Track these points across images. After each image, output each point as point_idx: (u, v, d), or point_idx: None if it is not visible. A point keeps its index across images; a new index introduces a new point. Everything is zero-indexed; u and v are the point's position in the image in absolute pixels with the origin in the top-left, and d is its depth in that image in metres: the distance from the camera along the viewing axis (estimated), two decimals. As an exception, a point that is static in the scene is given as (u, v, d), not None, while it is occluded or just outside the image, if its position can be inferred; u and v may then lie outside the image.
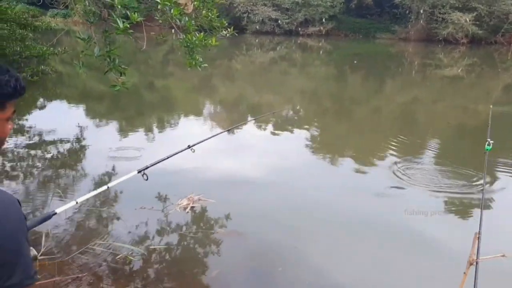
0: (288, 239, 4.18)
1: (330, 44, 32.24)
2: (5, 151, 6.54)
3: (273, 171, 6.10)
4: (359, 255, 3.97)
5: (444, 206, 5.03)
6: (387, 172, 6.01)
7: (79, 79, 13.49)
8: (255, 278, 3.60)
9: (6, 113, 1.19)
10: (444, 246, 4.02)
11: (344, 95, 14.08)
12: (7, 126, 1.21)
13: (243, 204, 4.89)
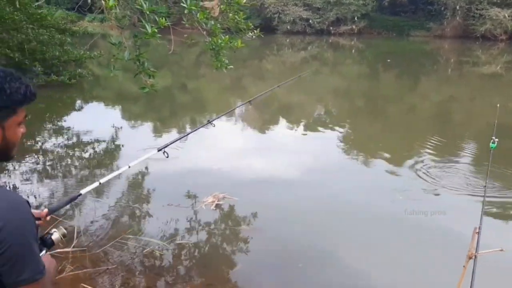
0: (310, 237, 4.24)
1: (363, 43, 31.87)
2: (46, 151, 6.90)
3: (302, 171, 6.09)
4: (384, 256, 3.96)
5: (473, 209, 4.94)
6: (420, 174, 5.86)
7: (116, 81, 13.92)
8: (276, 273, 3.69)
9: (17, 118, 1.26)
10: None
11: (377, 94, 13.90)
12: (18, 130, 1.29)
13: (268, 203, 4.96)
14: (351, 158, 6.99)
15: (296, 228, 4.43)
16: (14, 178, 5.64)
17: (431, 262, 3.76)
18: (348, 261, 3.88)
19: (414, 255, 3.93)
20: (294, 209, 4.83)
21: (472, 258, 1.86)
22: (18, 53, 10.35)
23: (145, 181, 5.51)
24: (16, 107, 1.24)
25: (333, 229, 4.40)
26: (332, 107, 11.82)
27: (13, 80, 1.21)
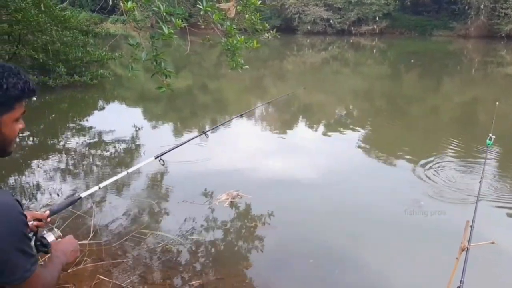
0: (323, 236, 4.27)
1: (384, 43, 31.57)
2: (68, 150, 7.09)
3: (319, 171, 6.07)
4: (398, 257, 3.97)
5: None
6: (440, 177, 5.74)
7: (137, 81, 14.15)
8: (287, 268, 3.75)
9: (14, 113, 1.25)
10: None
11: (399, 94, 13.74)
12: (16, 126, 1.28)
13: (282, 202, 5.01)
14: (370, 159, 6.89)
15: (309, 227, 4.46)
16: (38, 175, 5.82)
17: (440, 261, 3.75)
18: (360, 259, 3.90)
19: (428, 257, 3.92)
20: (308, 208, 4.85)
21: (464, 250, 1.89)
22: (43, 54, 10.64)
23: (163, 179, 5.61)
24: (13, 103, 1.24)
25: (347, 230, 4.40)
26: (353, 108, 11.75)
27: (10, 76, 1.21)
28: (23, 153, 6.89)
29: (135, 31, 4.50)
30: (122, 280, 3.41)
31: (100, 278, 3.38)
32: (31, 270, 1.22)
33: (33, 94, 1.29)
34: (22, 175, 5.86)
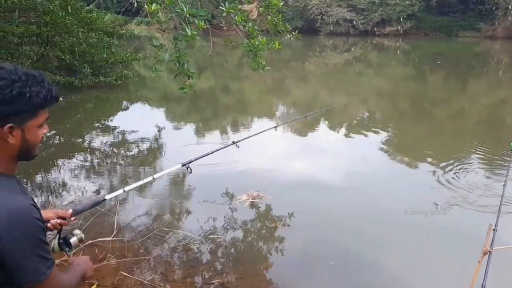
0: (343, 238, 4.27)
1: (408, 44, 31.14)
2: (93, 149, 7.24)
3: (341, 174, 6.02)
4: (416, 261, 3.93)
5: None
6: (466, 181, 5.63)
7: (161, 82, 14.33)
8: (307, 269, 3.75)
9: (38, 120, 1.30)
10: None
11: (423, 96, 13.51)
12: (39, 131, 1.33)
13: (303, 203, 5.01)
14: (392, 162, 6.79)
15: (330, 229, 4.44)
16: (64, 173, 5.96)
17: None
18: (381, 262, 3.87)
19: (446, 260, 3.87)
20: (329, 210, 4.83)
21: (486, 253, 1.87)
22: (69, 55, 10.89)
23: (184, 179, 5.67)
24: (37, 110, 1.29)
25: (368, 233, 4.33)
26: (376, 110, 11.61)
27: (34, 84, 1.26)
28: (50, 151, 7.07)
29: (159, 33, 4.57)
30: (144, 277, 3.47)
31: (123, 275, 3.45)
32: (46, 274, 1.27)
33: (56, 101, 1.34)
34: (48, 173, 6.01)
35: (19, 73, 1.25)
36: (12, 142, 1.27)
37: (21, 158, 1.35)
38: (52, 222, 1.67)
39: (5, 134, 1.25)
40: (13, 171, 1.35)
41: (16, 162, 1.35)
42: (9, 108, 1.23)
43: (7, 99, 1.21)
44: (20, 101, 1.24)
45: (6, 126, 1.24)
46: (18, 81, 1.23)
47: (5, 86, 1.21)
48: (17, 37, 10.59)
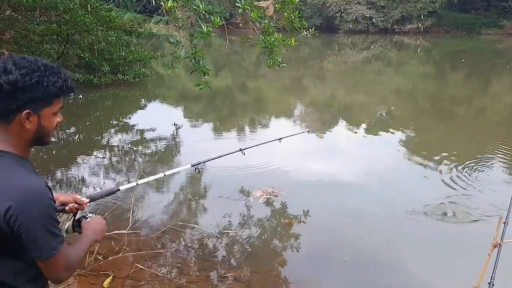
0: (357, 234, 4.24)
1: (429, 42, 30.68)
2: (111, 146, 7.35)
3: (358, 173, 5.96)
4: (432, 256, 3.91)
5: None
6: (489, 184, 5.48)
7: (178, 81, 14.44)
8: (321, 264, 3.77)
9: (53, 108, 1.40)
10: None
11: (444, 95, 13.28)
12: (54, 119, 1.43)
13: (318, 201, 5.01)
14: (411, 162, 6.65)
15: (345, 226, 4.43)
16: (83, 170, 6.06)
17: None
18: (394, 259, 3.88)
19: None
20: (344, 208, 4.82)
21: (496, 246, 1.85)
22: (89, 53, 11.06)
23: (200, 175, 5.70)
24: (52, 98, 1.39)
25: (383, 231, 4.31)
26: (395, 109, 11.46)
27: (51, 74, 1.36)
28: (70, 148, 7.20)
29: (177, 31, 4.61)
30: (159, 270, 3.52)
31: (138, 267, 3.50)
32: (57, 249, 1.37)
33: (71, 91, 1.44)
34: (68, 169, 6.11)
35: (38, 64, 1.35)
36: (29, 128, 1.36)
37: (36, 143, 1.43)
38: (70, 206, 1.78)
39: (23, 120, 1.34)
40: (27, 155, 1.43)
41: (30, 146, 1.44)
42: (27, 95, 1.33)
43: (26, 86, 1.31)
44: (38, 89, 1.34)
45: (24, 112, 1.33)
46: (37, 71, 1.33)
47: (25, 74, 1.31)
48: (38, 36, 10.81)
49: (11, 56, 1.36)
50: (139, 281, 3.38)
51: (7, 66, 1.31)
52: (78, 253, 1.51)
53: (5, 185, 1.29)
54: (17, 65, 1.32)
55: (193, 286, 3.33)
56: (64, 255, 1.40)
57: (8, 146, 1.36)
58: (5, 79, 1.29)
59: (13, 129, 1.36)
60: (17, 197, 1.28)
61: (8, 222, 1.28)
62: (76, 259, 1.48)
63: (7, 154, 1.35)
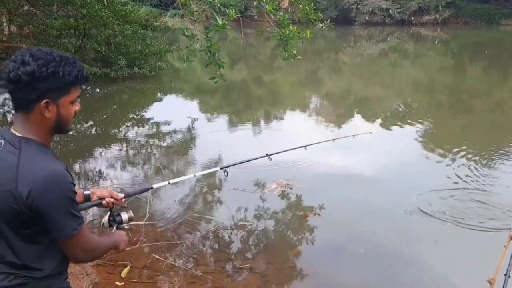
0: (373, 229, 4.22)
1: (447, 33, 30.18)
2: (128, 139, 7.44)
3: (375, 166, 5.92)
4: (447, 250, 3.89)
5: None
6: (507, 178, 5.40)
7: (194, 74, 14.49)
8: (336, 257, 3.78)
9: (70, 97, 1.46)
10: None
11: (462, 87, 13.05)
12: (72, 108, 1.49)
13: (333, 194, 5.03)
14: (428, 156, 6.56)
15: (361, 219, 4.41)
16: (101, 163, 6.15)
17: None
18: (410, 252, 3.86)
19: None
20: (360, 201, 4.79)
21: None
22: (105, 47, 11.17)
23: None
24: (69, 87, 1.45)
25: (399, 225, 4.29)
26: (412, 101, 11.28)
27: (67, 64, 1.42)
28: (88, 141, 7.31)
29: (192, 24, 4.62)
30: (176, 261, 3.57)
31: (155, 258, 3.56)
32: (78, 229, 1.44)
33: (86, 80, 1.50)
34: (86, 161, 6.21)
35: (54, 55, 1.41)
36: (48, 116, 1.43)
37: (56, 131, 1.50)
38: (107, 200, 1.87)
39: (42, 109, 1.41)
40: (49, 143, 1.50)
41: (51, 135, 1.51)
42: (45, 84, 1.39)
43: (43, 76, 1.38)
44: (54, 79, 1.40)
45: (42, 101, 1.40)
46: (53, 61, 1.40)
47: (42, 65, 1.37)
48: (56, 30, 10.95)
49: (29, 48, 1.42)
50: (156, 271, 3.43)
51: (24, 58, 1.37)
52: (99, 243, 1.60)
53: (27, 170, 1.37)
54: (34, 57, 1.38)
55: (209, 277, 3.38)
56: (83, 236, 1.48)
57: (31, 134, 1.43)
58: (23, 70, 1.36)
59: (34, 118, 1.43)
60: (38, 181, 1.36)
61: (30, 206, 1.35)
62: (95, 245, 1.57)
63: (31, 141, 1.42)
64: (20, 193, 1.35)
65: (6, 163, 1.39)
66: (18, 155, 1.39)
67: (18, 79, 1.36)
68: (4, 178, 1.38)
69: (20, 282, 1.43)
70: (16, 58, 1.39)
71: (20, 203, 1.36)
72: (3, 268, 1.44)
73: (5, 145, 1.42)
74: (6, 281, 1.43)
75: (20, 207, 1.36)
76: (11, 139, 1.43)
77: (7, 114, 9.25)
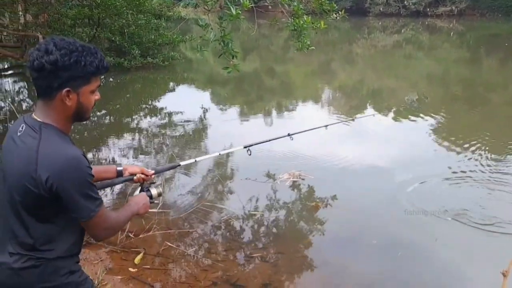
0: (385, 221, 4.23)
1: (463, 25, 29.69)
2: (140, 128, 7.50)
3: (388, 159, 5.83)
4: (462, 247, 3.87)
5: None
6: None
7: (207, 65, 14.49)
8: (348, 248, 3.80)
9: (91, 86, 1.51)
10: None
11: (478, 80, 12.83)
12: (92, 97, 1.54)
13: (345, 185, 5.03)
14: (441, 150, 6.46)
15: (373, 211, 4.41)
16: (114, 151, 6.22)
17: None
18: (423, 244, 3.85)
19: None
20: (372, 193, 4.78)
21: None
22: (119, 36, 11.22)
23: (228, 157, 5.78)
24: (90, 77, 1.50)
25: (412, 217, 4.24)
26: (426, 94, 11.11)
27: (88, 55, 1.47)
28: (101, 130, 7.38)
29: (205, 15, 4.62)
30: (188, 249, 3.61)
31: (168, 245, 3.61)
32: (96, 211, 1.51)
33: (106, 70, 1.55)
34: (99, 150, 6.29)
35: (76, 45, 1.46)
36: (69, 104, 1.49)
37: (76, 119, 1.56)
38: (138, 176, 1.98)
39: (64, 97, 1.47)
40: (68, 130, 1.56)
41: (71, 122, 1.56)
42: (67, 73, 1.44)
43: (66, 66, 1.43)
44: (76, 68, 1.45)
45: (64, 90, 1.46)
46: (75, 51, 1.45)
47: (65, 54, 1.43)
48: (71, 19, 11.00)
49: (52, 38, 1.46)
50: (168, 258, 3.48)
51: (48, 47, 1.42)
52: (118, 218, 1.66)
53: (47, 154, 1.43)
54: (57, 46, 1.43)
55: (221, 265, 3.41)
56: (102, 216, 1.54)
57: (51, 120, 1.49)
58: (46, 59, 1.41)
59: (55, 106, 1.48)
60: (57, 165, 1.42)
61: (49, 189, 1.41)
62: (115, 222, 1.63)
63: (51, 126, 1.48)
64: (40, 176, 1.40)
65: (26, 146, 1.45)
66: (38, 139, 1.44)
67: (41, 68, 1.41)
68: (24, 160, 1.44)
69: (32, 264, 1.49)
70: (40, 47, 1.44)
71: (38, 186, 1.41)
72: (16, 248, 1.49)
73: (26, 129, 1.48)
74: (19, 263, 1.48)
75: (39, 190, 1.41)
76: (32, 123, 1.48)
77: (22, 102, 9.39)
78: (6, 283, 1.51)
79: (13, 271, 1.48)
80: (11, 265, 1.48)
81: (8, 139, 1.54)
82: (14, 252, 1.49)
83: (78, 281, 1.59)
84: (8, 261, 1.48)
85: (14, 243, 1.49)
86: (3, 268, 1.49)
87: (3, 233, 1.52)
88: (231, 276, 3.29)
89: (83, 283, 1.61)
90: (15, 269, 1.48)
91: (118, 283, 3.14)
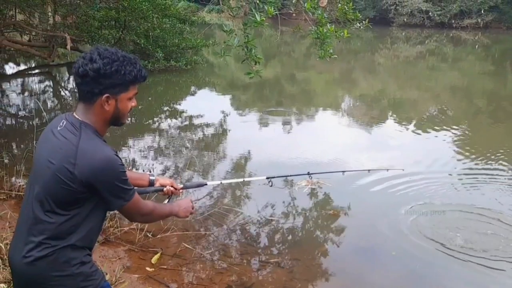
0: (404, 230, 4.16)
1: (489, 38, 29.24)
2: (162, 131, 7.60)
3: (406, 169, 5.79)
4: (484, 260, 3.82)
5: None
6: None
7: (228, 70, 14.59)
8: (364, 258, 3.77)
9: (128, 93, 1.64)
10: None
11: (503, 94, 12.66)
12: (129, 103, 1.67)
13: (364, 194, 4.97)
14: (462, 163, 6.35)
15: (392, 221, 4.35)
16: (134, 153, 6.31)
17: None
18: (442, 257, 3.79)
19: None
20: (390, 203, 4.74)
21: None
22: (144, 39, 11.40)
23: (246, 162, 5.82)
24: (128, 85, 1.62)
25: (431, 227, 4.23)
26: (449, 106, 10.99)
27: (128, 64, 1.60)
28: (123, 131, 7.48)
29: (229, 20, 4.68)
30: (204, 251, 3.65)
31: (185, 246, 3.67)
32: (128, 200, 1.66)
33: (144, 79, 1.68)
34: (119, 150, 6.37)
35: (118, 55, 1.60)
36: (108, 109, 1.62)
37: (113, 123, 1.69)
38: (167, 188, 2.14)
39: (103, 102, 1.60)
40: (104, 132, 1.69)
41: (108, 126, 1.69)
42: (107, 81, 1.58)
43: (107, 74, 1.57)
44: (116, 76, 1.58)
45: (104, 95, 1.59)
46: (116, 60, 1.58)
47: (107, 63, 1.56)
48: (98, 21, 11.24)
49: (97, 47, 1.60)
50: (185, 259, 3.53)
51: (93, 56, 1.57)
52: (155, 208, 1.82)
53: (86, 150, 1.55)
54: (101, 56, 1.57)
55: (236, 268, 3.44)
56: (135, 203, 1.69)
57: (90, 122, 1.62)
58: (90, 66, 1.55)
59: (95, 110, 1.62)
60: (95, 162, 1.55)
61: (85, 183, 1.54)
62: (151, 210, 1.79)
63: (90, 126, 1.61)
64: (77, 169, 1.53)
65: (65, 140, 1.57)
66: (78, 136, 1.57)
67: (85, 74, 1.56)
68: (62, 153, 1.56)
69: (46, 254, 1.57)
70: (85, 55, 1.58)
71: (74, 179, 1.53)
72: (35, 235, 1.57)
73: (66, 125, 1.61)
74: (35, 251, 1.57)
75: (73, 182, 1.53)
76: (73, 121, 1.61)
77: (47, 100, 9.61)
78: (24, 274, 1.61)
79: (30, 263, 1.57)
80: (30, 255, 1.57)
81: (47, 132, 1.66)
82: (31, 240, 1.57)
83: (89, 272, 1.66)
84: (26, 253, 1.57)
85: (35, 231, 1.58)
86: (21, 261, 1.58)
87: (25, 222, 1.61)
88: (246, 281, 3.31)
89: (93, 274, 1.68)
90: (31, 260, 1.56)
91: (135, 282, 3.19)
